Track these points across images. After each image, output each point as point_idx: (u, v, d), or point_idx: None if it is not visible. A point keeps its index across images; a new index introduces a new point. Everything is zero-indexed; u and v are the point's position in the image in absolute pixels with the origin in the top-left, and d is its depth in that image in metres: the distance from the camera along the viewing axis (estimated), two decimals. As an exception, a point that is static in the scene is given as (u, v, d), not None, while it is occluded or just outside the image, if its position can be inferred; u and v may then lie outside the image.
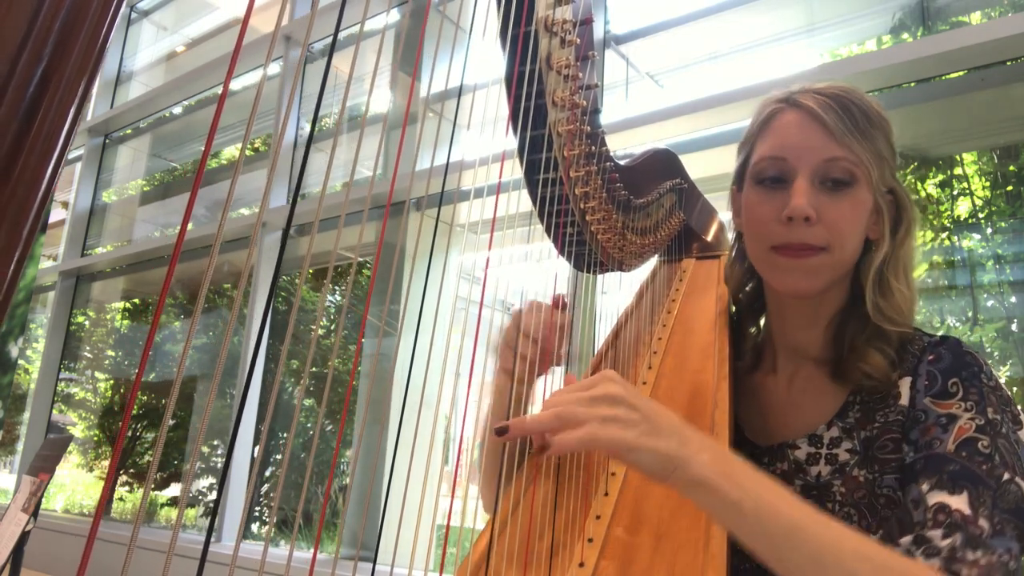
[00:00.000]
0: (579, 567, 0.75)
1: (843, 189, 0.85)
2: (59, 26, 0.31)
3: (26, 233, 0.31)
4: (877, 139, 0.86)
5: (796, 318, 0.95)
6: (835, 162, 0.85)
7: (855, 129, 0.85)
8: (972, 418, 0.76)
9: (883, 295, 0.87)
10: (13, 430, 5.00)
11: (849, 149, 0.85)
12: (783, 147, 0.88)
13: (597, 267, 1.02)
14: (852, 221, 0.86)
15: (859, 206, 0.86)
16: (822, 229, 0.85)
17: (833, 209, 0.85)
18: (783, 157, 0.87)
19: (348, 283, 3.55)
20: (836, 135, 0.85)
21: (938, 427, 0.77)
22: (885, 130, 0.88)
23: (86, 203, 4.85)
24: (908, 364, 0.85)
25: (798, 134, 0.87)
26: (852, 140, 0.84)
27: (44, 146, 0.32)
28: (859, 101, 0.87)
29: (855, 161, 0.85)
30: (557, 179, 0.85)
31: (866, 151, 0.85)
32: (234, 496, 3.14)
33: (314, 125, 0.83)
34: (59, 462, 1.67)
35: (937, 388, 0.80)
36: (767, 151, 0.89)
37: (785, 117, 0.89)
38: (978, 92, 2.02)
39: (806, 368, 0.94)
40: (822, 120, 0.85)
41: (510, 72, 0.77)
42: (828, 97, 0.86)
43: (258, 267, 3.40)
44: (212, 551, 2.91)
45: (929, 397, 0.80)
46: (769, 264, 0.90)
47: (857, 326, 0.88)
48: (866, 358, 0.85)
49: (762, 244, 0.89)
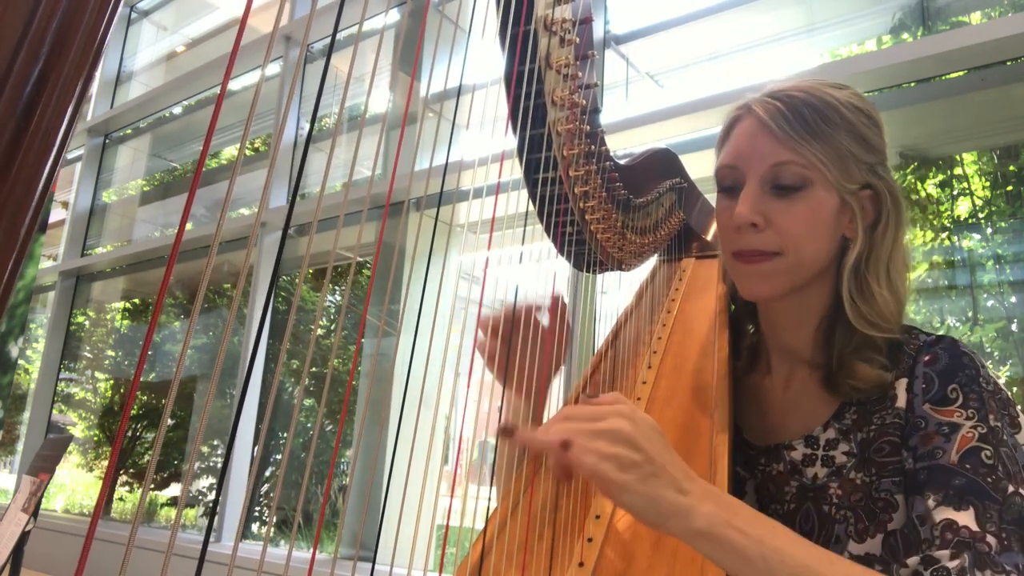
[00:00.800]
0: (579, 567, 0.75)
1: (795, 192, 0.85)
2: (56, 25, 0.31)
3: (24, 232, 0.31)
4: (835, 137, 0.84)
5: (783, 320, 0.94)
6: (782, 167, 0.84)
7: (804, 131, 0.84)
8: (974, 427, 0.75)
9: (863, 299, 0.85)
10: (13, 430, 5.00)
11: (796, 152, 0.84)
12: (735, 155, 0.89)
13: (597, 267, 1.02)
14: (808, 224, 0.85)
15: (817, 208, 0.85)
16: (772, 234, 0.85)
17: (784, 214, 0.85)
18: (735, 165, 0.88)
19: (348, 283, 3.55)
20: (782, 140, 0.84)
21: (940, 436, 0.76)
22: (852, 125, 0.85)
23: (86, 203, 4.85)
24: (904, 365, 0.84)
25: (747, 142, 0.87)
26: (800, 143, 0.83)
27: (42, 145, 0.32)
28: (815, 101, 0.85)
29: (804, 164, 0.84)
30: (556, 178, 0.85)
31: (818, 152, 0.83)
32: (234, 496, 3.14)
33: (313, 124, 0.83)
34: (59, 462, 1.67)
35: (935, 393, 0.79)
36: (724, 159, 0.90)
37: (741, 125, 0.89)
38: (978, 92, 2.02)
39: (800, 371, 0.94)
40: (769, 126, 0.85)
41: (509, 71, 0.77)
42: (780, 100, 0.86)
43: (258, 267, 3.40)
44: (212, 551, 2.91)
45: (928, 403, 0.79)
46: (732, 270, 0.91)
47: (845, 333, 0.87)
48: (854, 373, 0.84)
49: (726, 251, 0.90)
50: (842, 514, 0.82)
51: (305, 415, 3.90)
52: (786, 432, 0.92)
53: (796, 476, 0.88)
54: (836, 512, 0.83)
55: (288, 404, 3.56)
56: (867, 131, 0.87)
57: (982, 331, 2.11)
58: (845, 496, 0.83)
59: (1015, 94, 1.98)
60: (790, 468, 0.89)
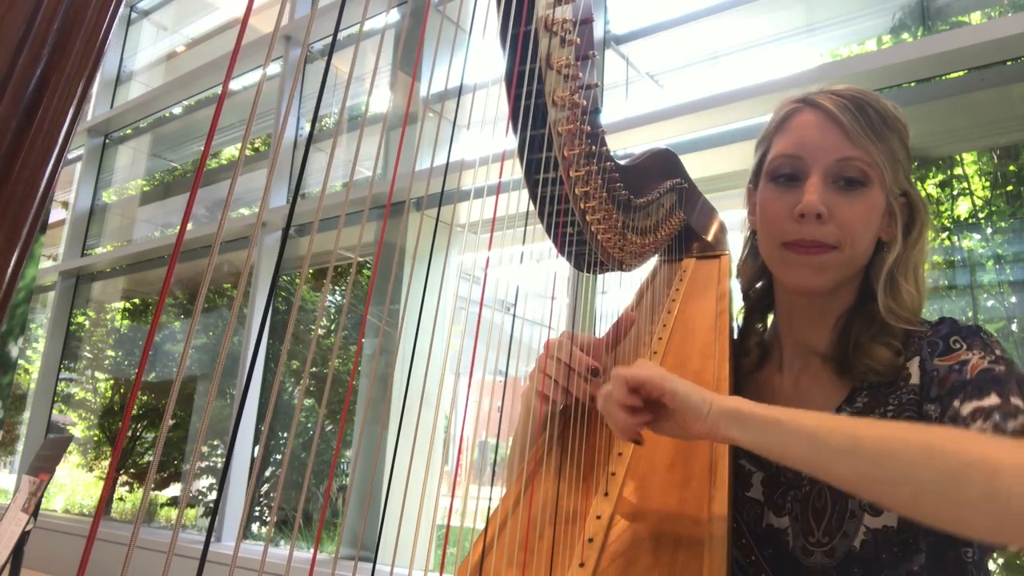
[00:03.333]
0: (579, 567, 0.75)
1: (856, 189, 0.87)
2: (58, 26, 0.31)
3: (25, 232, 0.31)
4: (892, 141, 0.88)
5: (805, 316, 0.96)
6: (849, 162, 0.86)
7: (870, 130, 0.86)
8: (983, 356, 0.79)
9: (893, 296, 0.89)
10: (13, 430, 5.00)
11: (864, 150, 0.86)
12: (799, 145, 0.89)
13: (597, 267, 1.01)
14: (864, 221, 0.87)
15: (872, 207, 0.88)
16: (833, 227, 0.86)
17: (846, 208, 0.86)
18: (798, 155, 0.89)
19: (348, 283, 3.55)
20: (851, 135, 0.86)
21: (953, 373, 0.80)
22: (900, 133, 0.89)
23: (86, 203, 4.85)
24: (914, 347, 0.88)
25: (814, 133, 0.88)
26: (867, 141, 0.86)
27: (43, 145, 0.32)
28: (876, 103, 0.88)
29: (869, 162, 0.86)
30: (557, 179, 0.85)
31: (880, 153, 0.86)
32: (234, 496, 3.14)
33: (314, 125, 0.83)
34: (59, 462, 1.67)
35: (941, 348, 0.84)
36: (783, 149, 0.91)
37: (802, 116, 0.91)
38: (978, 92, 2.02)
39: (813, 365, 0.95)
40: (838, 120, 0.87)
41: (510, 71, 0.77)
42: (845, 98, 0.88)
43: (258, 267, 3.40)
44: (212, 551, 2.91)
45: (937, 358, 0.83)
46: (780, 260, 0.91)
47: (863, 324, 0.89)
48: (871, 354, 0.87)
49: (774, 240, 0.91)
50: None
51: (306, 415, 3.90)
52: None
53: None
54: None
55: (288, 404, 3.56)
56: (908, 142, 0.91)
57: (982, 331, 2.11)
58: None
59: (1015, 94, 1.98)
60: None
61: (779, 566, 0.86)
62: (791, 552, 0.85)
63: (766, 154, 0.94)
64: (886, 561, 0.80)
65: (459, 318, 0.77)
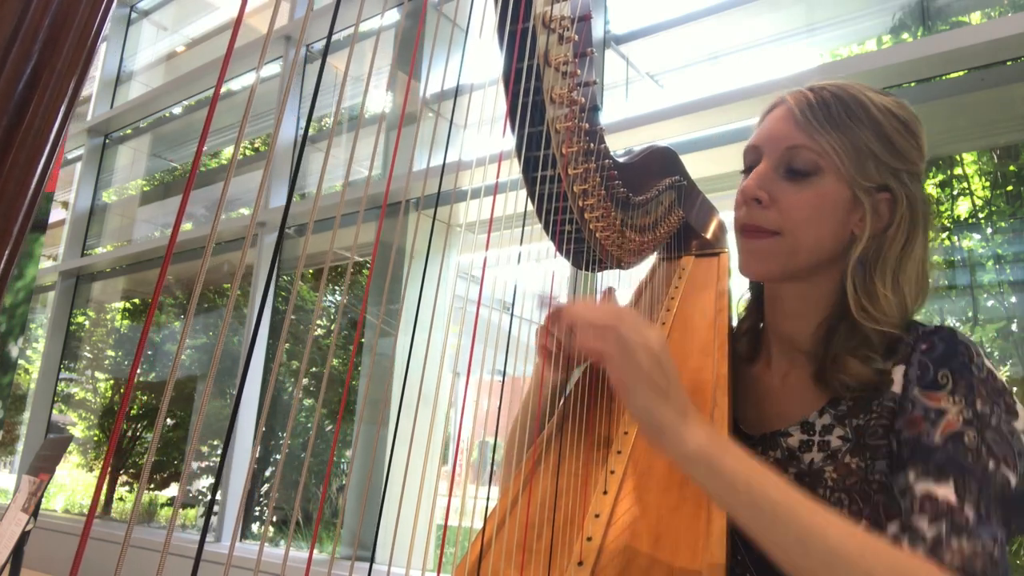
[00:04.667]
0: (578, 566, 0.75)
1: (805, 178, 0.87)
2: (48, 23, 0.31)
3: (17, 229, 0.31)
4: (855, 131, 0.86)
5: (785, 307, 0.95)
6: (796, 150, 0.87)
7: (825, 120, 0.86)
8: (960, 412, 0.76)
9: (867, 296, 0.86)
10: (13, 430, 5.00)
11: (811, 139, 0.86)
12: (759, 136, 0.92)
13: (596, 265, 1.01)
14: (811, 209, 0.86)
15: (824, 197, 0.86)
16: (775, 213, 0.87)
17: (791, 196, 0.87)
18: (757, 146, 0.91)
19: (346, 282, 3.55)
20: (801, 125, 0.87)
21: (926, 421, 0.77)
22: (880, 125, 0.87)
23: (86, 203, 4.85)
24: (902, 353, 0.85)
25: (771, 125, 0.91)
26: (818, 131, 0.86)
27: (35, 143, 0.31)
28: (844, 96, 0.87)
29: (818, 151, 0.86)
30: (555, 176, 0.85)
31: (835, 142, 0.85)
32: (232, 496, 3.14)
33: (308, 124, 0.82)
34: (59, 462, 1.67)
35: (928, 379, 0.80)
36: (750, 141, 0.94)
37: (773, 112, 0.93)
38: (978, 92, 2.02)
39: (799, 361, 0.94)
40: (793, 112, 0.88)
41: (508, 68, 0.77)
42: (812, 91, 0.89)
43: (257, 267, 3.40)
44: (211, 551, 2.91)
45: (919, 388, 0.80)
46: (737, 246, 0.93)
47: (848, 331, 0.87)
48: (845, 367, 0.85)
49: (735, 227, 0.93)
50: (837, 497, 0.83)
51: (304, 415, 3.90)
52: (782, 420, 0.92)
53: (793, 462, 0.88)
54: (831, 495, 0.83)
55: (287, 404, 3.56)
56: (897, 136, 0.88)
57: (982, 331, 2.11)
58: (840, 479, 0.83)
59: (1015, 94, 1.97)
60: (787, 455, 0.89)
61: (764, 567, 0.86)
62: None
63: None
64: None
65: (458, 318, 0.76)
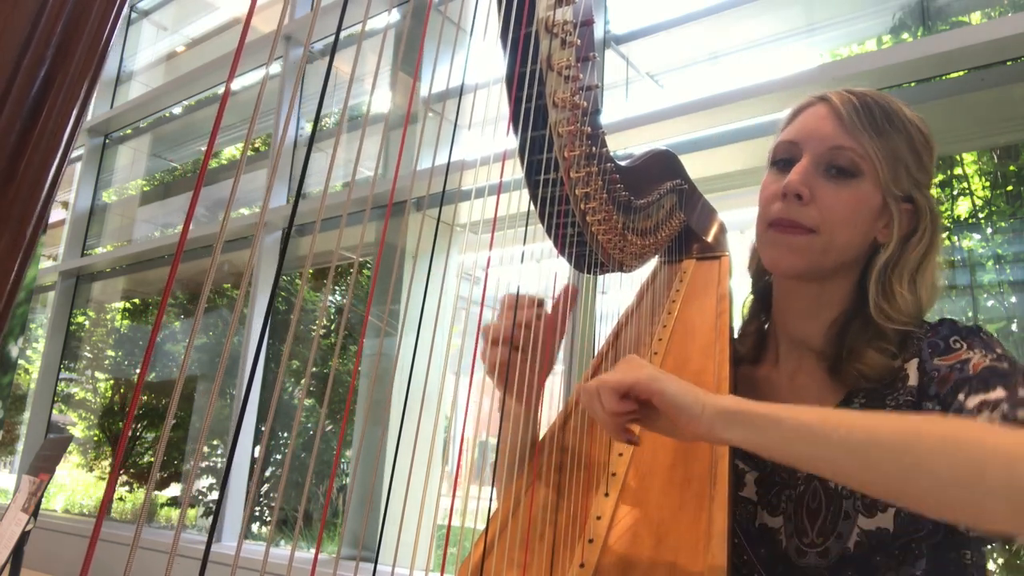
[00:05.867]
0: (579, 567, 0.75)
1: (846, 179, 0.88)
2: (62, 28, 0.32)
3: (30, 233, 0.31)
4: (894, 140, 0.88)
5: (798, 307, 0.96)
6: (840, 151, 0.88)
7: (869, 125, 0.87)
8: (984, 355, 0.79)
9: (886, 298, 0.88)
10: (13, 430, 5.00)
11: (857, 141, 0.87)
12: (797, 132, 0.92)
13: (597, 268, 1.02)
14: (849, 210, 0.87)
15: (861, 199, 0.88)
16: (815, 210, 0.87)
17: (831, 194, 0.87)
18: (795, 141, 0.91)
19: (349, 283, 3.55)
20: (847, 125, 0.88)
21: (955, 371, 0.80)
22: (910, 136, 0.89)
23: (86, 203, 4.85)
24: (912, 349, 0.87)
25: (813, 122, 0.91)
26: (862, 133, 0.87)
27: (47, 147, 0.32)
28: (885, 104, 0.89)
29: (861, 154, 0.87)
30: (558, 180, 0.85)
31: (876, 147, 0.87)
32: (235, 496, 3.14)
33: (315, 125, 0.83)
34: (59, 462, 1.67)
35: (941, 349, 0.84)
36: (784, 135, 0.94)
37: (811, 109, 0.93)
38: (978, 92, 2.02)
39: (808, 363, 0.95)
40: (838, 112, 0.89)
41: (511, 73, 0.77)
42: (855, 95, 0.90)
43: (259, 267, 3.40)
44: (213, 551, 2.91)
45: (937, 358, 0.83)
46: (764, 240, 0.93)
47: (860, 328, 0.89)
48: (863, 358, 0.86)
49: (762, 222, 0.92)
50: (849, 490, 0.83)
51: (306, 416, 3.90)
52: None
53: None
54: (844, 488, 0.83)
55: (289, 404, 3.56)
56: (923, 150, 0.91)
57: (982, 331, 2.11)
58: None
59: (1015, 94, 1.98)
60: None
61: (772, 566, 0.86)
62: (784, 552, 0.85)
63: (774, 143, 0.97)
64: (880, 563, 0.80)
65: (459, 318, 0.77)
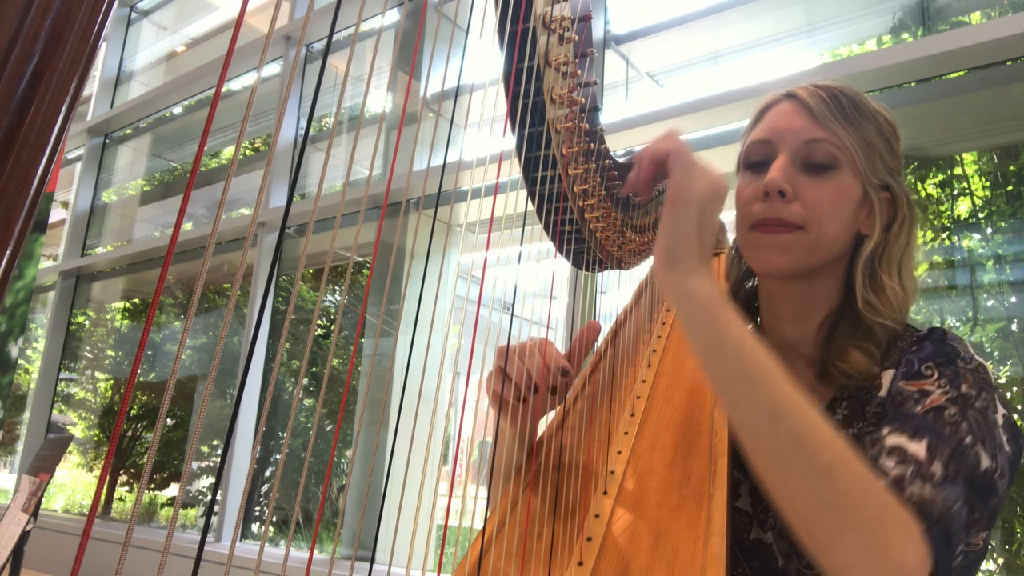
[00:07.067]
0: (578, 566, 0.75)
1: (825, 172, 0.86)
2: (50, 22, 0.31)
3: (18, 229, 0.31)
4: (866, 129, 0.87)
5: (786, 310, 0.94)
6: (816, 144, 0.86)
7: (840, 115, 0.86)
8: (944, 392, 0.76)
9: (874, 291, 0.87)
10: (13, 430, 5.00)
11: (831, 132, 0.86)
12: (768, 130, 0.90)
13: (596, 265, 1.01)
14: (832, 203, 0.86)
15: (843, 191, 0.86)
16: (799, 207, 0.86)
17: (813, 189, 0.86)
18: (768, 139, 0.90)
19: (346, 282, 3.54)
20: (819, 118, 0.87)
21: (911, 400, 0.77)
22: (879, 124, 0.89)
23: (86, 203, 4.85)
24: (894, 358, 0.85)
25: (784, 119, 0.89)
26: (835, 124, 0.86)
27: (36, 142, 0.31)
28: (852, 94, 0.89)
29: (837, 144, 0.86)
30: (556, 177, 0.85)
31: (851, 136, 0.86)
32: (233, 495, 3.14)
33: (308, 124, 0.83)
34: (59, 462, 1.67)
35: (911, 372, 0.81)
36: (756, 135, 0.92)
37: (778, 106, 0.92)
38: (978, 92, 2.02)
39: (797, 367, 0.93)
40: (808, 106, 0.88)
41: (508, 69, 0.77)
42: (821, 88, 0.89)
43: (257, 267, 3.40)
44: (211, 551, 2.91)
45: (903, 380, 0.80)
46: (748, 244, 0.91)
47: (848, 327, 0.88)
48: (846, 357, 0.85)
49: (744, 225, 0.90)
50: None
51: (304, 415, 3.90)
52: None
53: None
54: None
55: (287, 404, 3.56)
56: (891, 138, 0.90)
57: (982, 331, 2.11)
58: None
59: (1015, 94, 1.97)
60: None
61: None
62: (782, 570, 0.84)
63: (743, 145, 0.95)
64: None
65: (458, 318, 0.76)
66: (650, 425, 0.90)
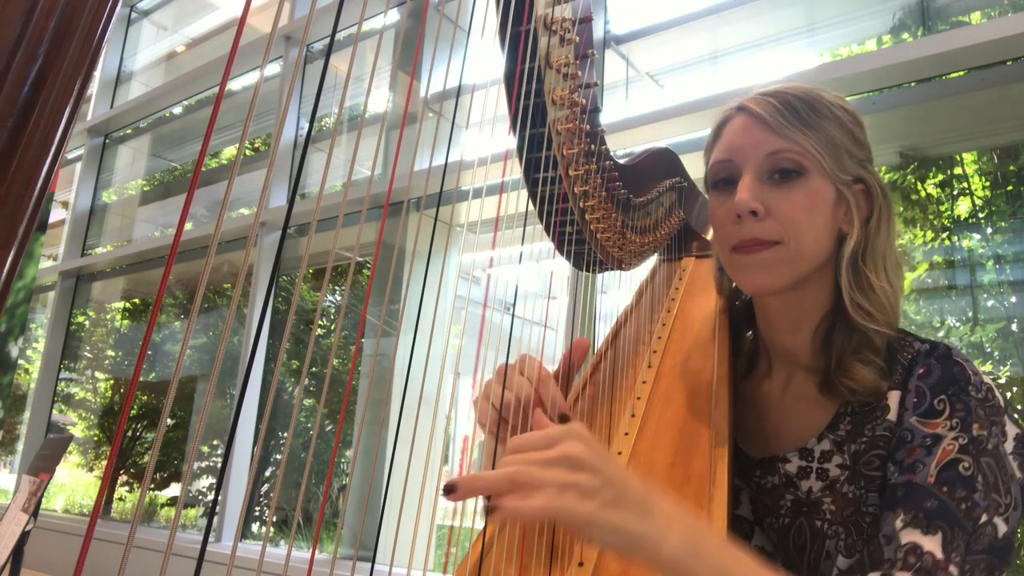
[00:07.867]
0: (578, 566, 0.75)
1: (793, 180, 0.85)
2: (55, 23, 0.31)
3: (23, 229, 0.31)
4: (826, 128, 0.85)
5: (781, 322, 0.93)
6: (778, 154, 0.85)
7: (796, 120, 0.85)
8: (956, 437, 0.75)
9: (862, 291, 0.85)
10: (13, 430, 5.00)
11: (791, 140, 0.84)
12: (728, 150, 0.89)
13: (596, 266, 1.01)
14: (806, 211, 0.84)
15: (815, 196, 0.85)
16: (773, 223, 0.84)
17: (783, 201, 0.84)
18: (730, 159, 0.88)
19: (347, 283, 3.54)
20: (776, 129, 0.85)
21: (922, 449, 0.75)
22: (839, 119, 0.87)
23: (86, 203, 4.85)
24: (898, 376, 0.84)
25: (741, 135, 0.88)
26: (793, 131, 0.84)
27: (40, 143, 0.32)
28: (804, 95, 0.87)
29: (800, 151, 0.84)
30: (556, 178, 0.85)
31: (812, 140, 0.84)
32: (233, 496, 3.14)
33: (311, 124, 0.83)
34: (59, 462, 1.67)
35: (924, 407, 0.79)
36: (716, 156, 0.91)
37: (732, 123, 0.90)
38: (978, 92, 2.02)
39: (798, 376, 0.93)
40: (762, 118, 0.86)
41: (509, 70, 0.77)
42: (770, 95, 0.87)
43: (258, 267, 3.40)
44: (212, 551, 2.91)
45: (916, 416, 0.79)
46: (732, 266, 0.89)
47: (844, 334, 0.86)
48: (851, 373, 0.84)
49: (724, 247, 0.89)
50: (834, 529, 0.82)
51: (305, 415, 3.90)
52: (781, 443, 0.91)
53: (791, 490, 0.87)
54: (828, 528, 0.82)
55: (288, 404, 3.56)
56: (854, 128, 0.89)
57: (982, 331, 2.11)
58: (838, 511, 0.82)
59: (1015, 94, 1.98)
60: (785, 481, 0.88)
61: None
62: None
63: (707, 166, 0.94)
64: None
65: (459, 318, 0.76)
66: (650, 426, 0.90)
